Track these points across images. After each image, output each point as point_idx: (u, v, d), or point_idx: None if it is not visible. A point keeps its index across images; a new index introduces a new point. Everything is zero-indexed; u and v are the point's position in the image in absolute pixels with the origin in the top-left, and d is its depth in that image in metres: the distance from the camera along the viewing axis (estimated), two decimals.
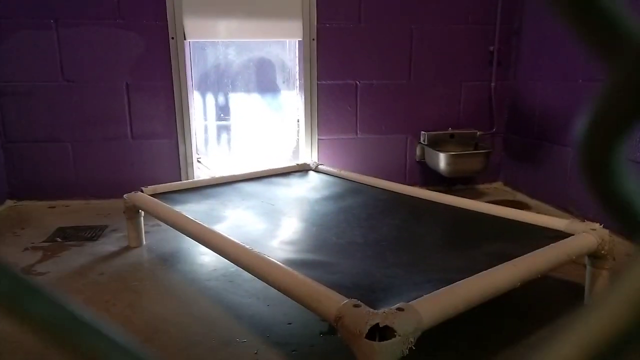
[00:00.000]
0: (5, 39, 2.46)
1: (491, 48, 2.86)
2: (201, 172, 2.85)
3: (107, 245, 2.12)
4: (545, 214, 1.70)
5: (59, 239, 2.19)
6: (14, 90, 2.54)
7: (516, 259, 1.21)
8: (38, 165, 2.66)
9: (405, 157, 2.96)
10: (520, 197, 2.83)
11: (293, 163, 2.69)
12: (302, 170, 2.59)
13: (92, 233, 2.26)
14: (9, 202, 2.67)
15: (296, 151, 2.96)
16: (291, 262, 1.30)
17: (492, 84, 2.90)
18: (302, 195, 2.20)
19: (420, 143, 2.92)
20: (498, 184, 3.09)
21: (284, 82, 2.92)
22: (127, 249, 2.07)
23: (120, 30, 2.53)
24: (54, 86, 2.56)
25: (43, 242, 2.16)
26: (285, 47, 2.87)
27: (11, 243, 2.15)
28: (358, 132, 2.88)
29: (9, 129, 2.58)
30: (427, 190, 2.11)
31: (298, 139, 2.94)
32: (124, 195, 2.03)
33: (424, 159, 2.94)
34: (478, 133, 2.90)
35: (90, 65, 2.55)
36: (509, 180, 3.00)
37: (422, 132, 2.87)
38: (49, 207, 2.66)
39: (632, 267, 0.15)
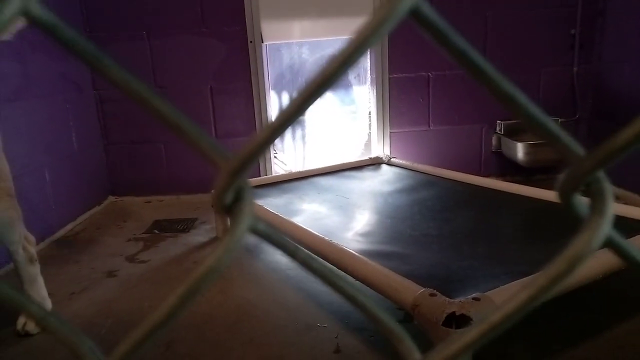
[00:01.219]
0: (104, 50, 2.74)
1: (572, 31, 2.72)
2: (278, 168, 3.00)
3: (198, 236, 2.32)
4: (632, 204, 1.63)
5: (156, 231, 2.43)
6: (113, 97, 2.82)
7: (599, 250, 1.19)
8: (135, 164, 2.94)
9: (481, 148, 2.91)
10: None
11: (366, 157, 2.75)
12: (374, 163, 2.64)
13: (184, 225, 2.48)
14: (111, 198, 2.98)
15: (368, 145, 3.02)
16: (367, 253, 1.36)
17: (575, 69, 2.76)
18: (376, 188, 2.25)
19: (497, 133, 2.85)
20: None
21: (355, 77, 2.98)
22: (215, 239, 2.25)
23: (204, 38, 2.73)
24: None
25: (143, 233, 2.41)
26: None
27: (116, 234, 2.41)
28: (431, 124, 2.87)
29: (110, 132, 2.89)
30: (504, 182, 2.08)
31: (370, 133, 3.00)
32: (212, 190, 2.20)
33: (501, 149, 2.87)
34: (559, 120, 2.78)
35: (179, 71, 2.78)
36: None
37: (499, 121, 2.80)
38: (145, 202, 2.94)
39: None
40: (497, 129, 2.83)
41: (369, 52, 2.84)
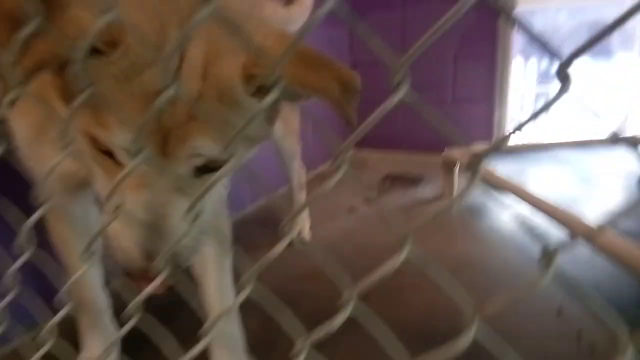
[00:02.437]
0: (361, 19, 3.07)
1: None
2: (514, 136, 2.93)
3: (425, 192, 2.51)
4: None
5: (388, 182, 2.72)
6: (364, 60, 3.16)
7: None
8: (372, 115, 3.26)
9: None
10: None
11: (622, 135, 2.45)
12: (632, 143, 2.35)
13: (412, 181, 2.70)
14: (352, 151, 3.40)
15: (627, 122, 2.66)
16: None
17: None
18: (627, 169, 2.03)
19: None
20: None
21: (621, 43, 2.64)
22: (440, 197, 2.40)
23: (453, 5, 2.79)
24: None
25: (377, 182, 2.73)
26: (623, 6, 2.57)
27: (356, 180, 2.79)
28: None
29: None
30: None
31: (631, 108, 2.63)
32: (445, 149, 2.34)
33: None
34: None
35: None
36: None
37: None
38: (380, 157, 3.27)
39: None
40: None
41: None
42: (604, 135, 2.44)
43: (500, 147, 0.30)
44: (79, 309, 0.86)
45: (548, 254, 0.26)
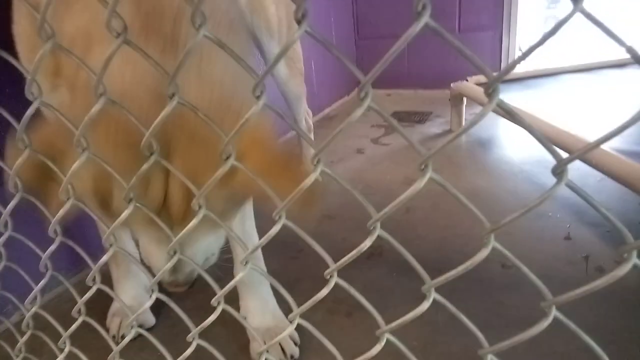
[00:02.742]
0: None
1: None
2: (523, 64, 2.86)
3: (432, 128, 2.50)
4: None
5: (395, 120, 2.70)
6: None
7: None
8: (380, 59, 3.20)
9: None
10: None
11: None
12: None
13: (420, 117, 2.68)
14: (357, 90, 3.36)
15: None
16: (620, 152, 1.30)
17: None
18: (633, 91, 1.99)
19: None
20: None
21: None
22: (449, 132, 2.39)
23: None
24: None
25: (384, 121, 2.71)
26: None
27: (362, 121, 2.76)
28: None
29: (361, 27, 3.17)
30: None
31: None
32: (451, 84, 2.30)
33: None
34: None
35: None
36: None
37: None
38: (387, 95, 3.22)
39: None
40: None
41: None
42: (615, 57, 2.37)
43: (509, 72, 0.30)
44: (111, 259, 0.92)
45: (561, 162, 0.27)
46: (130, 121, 0.41)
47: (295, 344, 1.04)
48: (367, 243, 0.36)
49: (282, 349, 1.02)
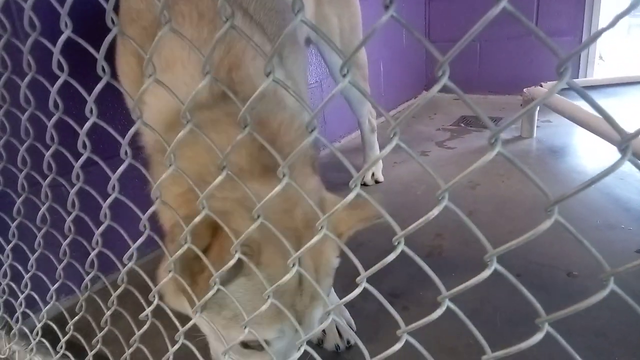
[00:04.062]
0: None
1: None
2: (602, 72, 2.72)
3: (502, 133, 2.44)
4: None
5: (462, 124, 2.66)
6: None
7: None
8: (450, 62, 3.16)
9: None
10: None
11: None
12: None
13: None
14: (424, 93, 3.34)
15: None
16: None
17: None
18: None
19: None
20: None
21: None
22: (519, 138, 2.33)
23: None
24: None
25: (450, 125, 2.68)
26: None
27: (428, 124, 2.77)
28: None
29: (432, 30, 3.16)
30: None
31: None
32: (524, 89, 2.24)
33: None
34: None
35: None
36: None
37: None
38: (454, 99, 3.18)
39: None
40: None
41: None
42: None
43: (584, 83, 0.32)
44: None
45: (626, 137, 0.29)
46: None
47: (352, 329, 1.08)
48: (434, 212, 0.39)
49: (339, 334, 1.07)
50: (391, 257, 0.41)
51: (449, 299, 0.41)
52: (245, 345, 0.68)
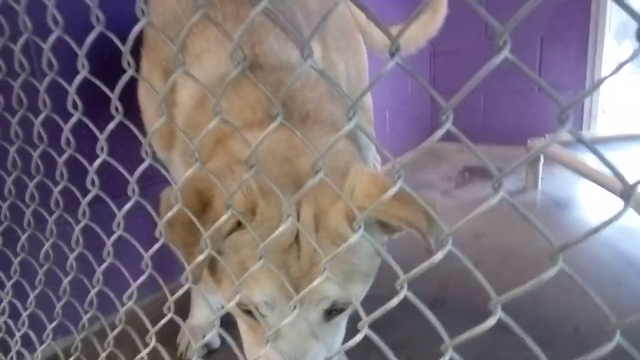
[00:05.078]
0: None
1: None
2: (605, 126, 2.75)
3: (506, 185, 2.43)
4: None
5: (467, 174, 2.68)
6: (445, 50, 3.12)
7: None
8: (455, 112, 3.22)
9: None
10: None
11: None
12: None
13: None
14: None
15: None
16: None
17: None
18: None
19: None
20: None
21: None
22: (523, 190, 2.33)
23: None
24: (476, 44, 2.98)
25: (454, 174, 2.70)
26: None
27: (433, 172, 2.78)
28: None
29: (438, 82, 3.23)
30: None
31: None
32: (528, 140, 2.26)
33: None
34: None
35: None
36: None
37: None
38: (458, 150, 3.21)
39: None
40: None
41: None
42: None
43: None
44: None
45: (629, 187, 0.30)
46: None
47: None
48: (439, 256, 0.39)
49: None
50: (394, 301, 0.41)
51: (453, 348, 0.40)
52: (248, 312, 0.65)
